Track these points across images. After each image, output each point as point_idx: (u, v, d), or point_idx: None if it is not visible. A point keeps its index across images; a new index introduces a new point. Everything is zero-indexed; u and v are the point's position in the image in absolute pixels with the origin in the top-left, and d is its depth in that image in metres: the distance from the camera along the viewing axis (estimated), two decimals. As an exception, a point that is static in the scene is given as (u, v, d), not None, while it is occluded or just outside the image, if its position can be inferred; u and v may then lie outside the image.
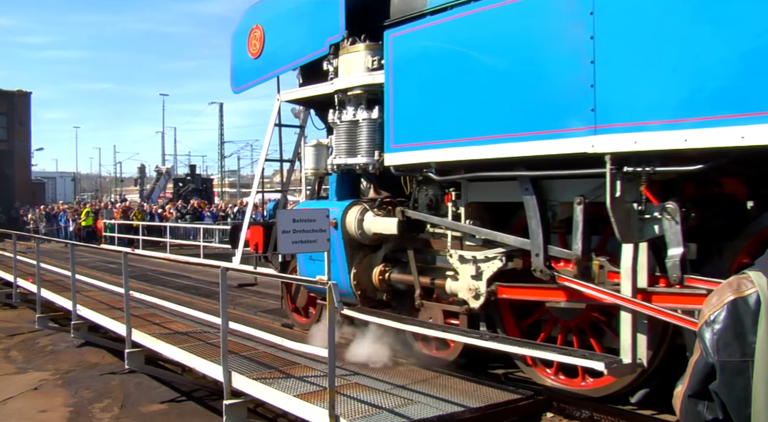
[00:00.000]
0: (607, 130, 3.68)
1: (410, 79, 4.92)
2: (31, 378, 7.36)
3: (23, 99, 37.31)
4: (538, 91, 4.04)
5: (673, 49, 3.42)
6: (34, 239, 12.51)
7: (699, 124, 3.31)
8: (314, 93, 6.12)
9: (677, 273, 3.71)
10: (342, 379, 4.84)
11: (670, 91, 3.44)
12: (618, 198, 3.75)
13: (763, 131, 3.07)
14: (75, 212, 29.58)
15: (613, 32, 3.64)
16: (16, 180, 36.36)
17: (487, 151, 4.33)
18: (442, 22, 4.68)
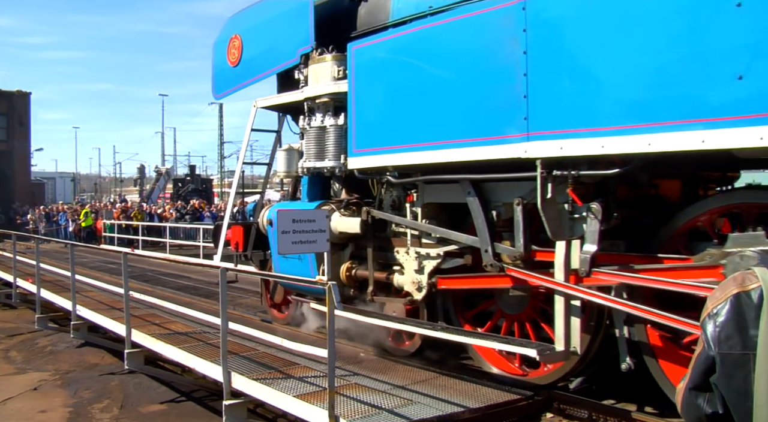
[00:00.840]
0: (538, 137, 4.09)
1: (370, 88, 5.34)
2: (30, 378, 7.37)
3: (23, 99, 37.62)
4: (481, 101, 4.44)
5: (592, 65, 3.84)
6: (33, 239, 12.55)
7: (613, 132, 3.72)
8: (287, 100, 6.51)
9: (586, 267, 4.12)
10: (341, 380, 4.86)
11: (589, 102, 3.85)
12: (549, 199, 4.15)
13: (665, 139, 3.50)
14: (74, 212, 29.62)
15: (542, 48, 4.05)
16: (15, 180, 36.63)
17: (438, 155, 4.75)
18: (397, 36, 5.13)
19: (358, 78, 5.39)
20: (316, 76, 6.00)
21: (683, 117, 3.43)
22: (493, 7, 4.34)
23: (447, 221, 5.28)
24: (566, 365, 4.67)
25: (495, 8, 4.32)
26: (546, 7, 4.02)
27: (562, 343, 4.36)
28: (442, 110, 4.70)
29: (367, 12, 5.95)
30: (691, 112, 3.40)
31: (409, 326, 5.30)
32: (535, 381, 4.94)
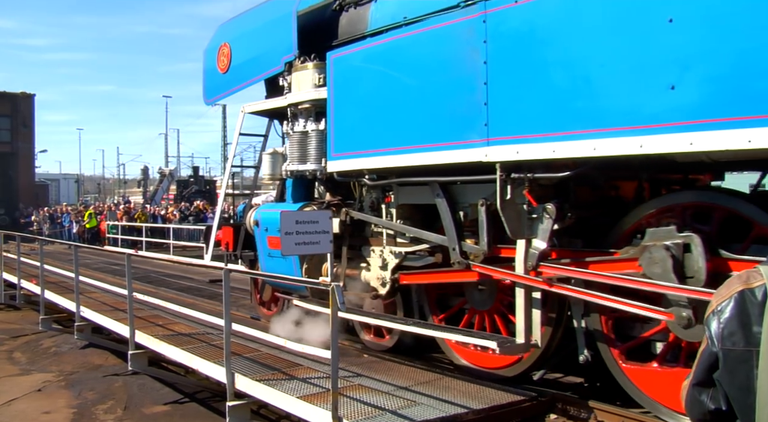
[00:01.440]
0: (497, 142, 4.38)
1: (347, 95, 5.66)
2: (34, 379, 7.38)
3: (27, 101, 37.86)
4: (447, 107, 4.73)
5: (543, 75, 4.12)
6: (37, 241, 12.57)
7: (563, 137, 4.00)
8: (272, 106, 6.84)
9: (533, 262, 4.47)
10: (345, 381, 4.89)
11: (542, 110, 4.13)
12: (509, 200, 4.46)
13: (608, 144, 3.79)
14: (78, 214, 29.70)
15: (500, 59, 4.35)
16: (19, 182, 36.87)
17: (409, 159, 5.05)
18: (372, 46, 5.44)
19: (336, 85, 5.71)
20: (299, 83, 6.32)
21: (624, 124, 3.71)
22: (457, 20, 4.64)
23: (421, 221, 5.56)
24: (530, 358, 4.96)
25: (459, 20, 4.62)
26: (504, 21, 4.31)
27: (522, 336, 4.65)
28: (413, 116, 5.00)
29: (348, 22, 6.25)
30: (631, 119, 3.68)
31: (384, 321, 5.61)
32: (502, 373, 5.22)
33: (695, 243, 3.86)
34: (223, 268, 5.43)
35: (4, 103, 36.48)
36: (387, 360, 5.76)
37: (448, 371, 5.32)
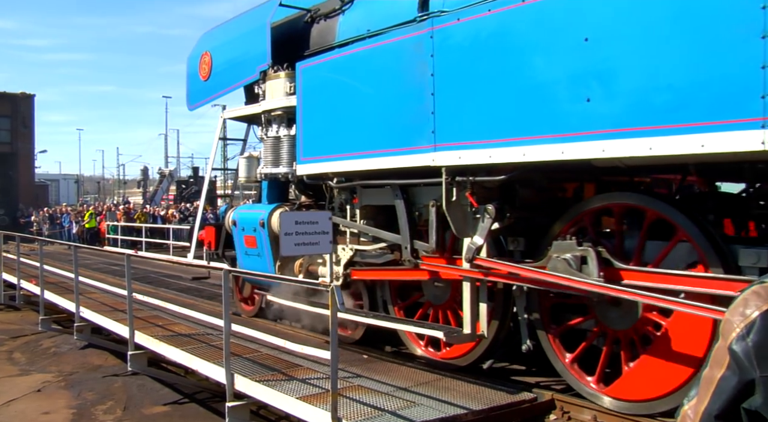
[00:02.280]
0: (442, 148, 4.80)
1: (314, 103, 6.10)
2: (34, 380, 7.44)
3: (27, 101, 37.97)
4: (401, 115, 5.15)
5: (481, 87, 4.53)
6: (37, 241, 12.67)
7: (498, 144, 4.40)
8: (248, 112, 7.30)
9: (470, 255, 4.87)
10: (344, 381, 4.95)
11: (480, 118, 4.54)
12: (454, 201, 4.88)
13: (535, 150, 4.18)
14: (78, 214, 29.73)
15: (444, 71, 4.76)
16: (19, 182, 36.93)
17: (369, 163, 5.46)
18: (336, 58, 5.87)
19: (305, 93, 6.14)
20: (272, 91, 6.74)
21: (548, 132, 4.10)
22: (410, 35, 5.08)
23: (385, 221, 5.93)
24: (479, 348, 5.39)
25: (411, 35, 5.06)
26: (448, 37, 4.74)
27: (468, 327, 5.05)
28: (373, 123, 5.43)
29: (319, 33, 6.67)
30: (554, 128, 4.08)
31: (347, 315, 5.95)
32: (456, 363, 5.63)
33: (591, 256, 4.32)
34: (222, 269, 5.53)
35: (4, 103, 36.64)
36: (386, 360, 5.86)
37: (447, 372, 5.39)
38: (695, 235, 4.07)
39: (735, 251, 3.93)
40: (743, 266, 3.89)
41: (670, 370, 4.20)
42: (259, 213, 6.86)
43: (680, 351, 4.16)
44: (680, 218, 4.16)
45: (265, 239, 6.71)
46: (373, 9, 5.94)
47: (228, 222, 7.46)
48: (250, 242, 6.93)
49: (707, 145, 3.40)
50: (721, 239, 4.06)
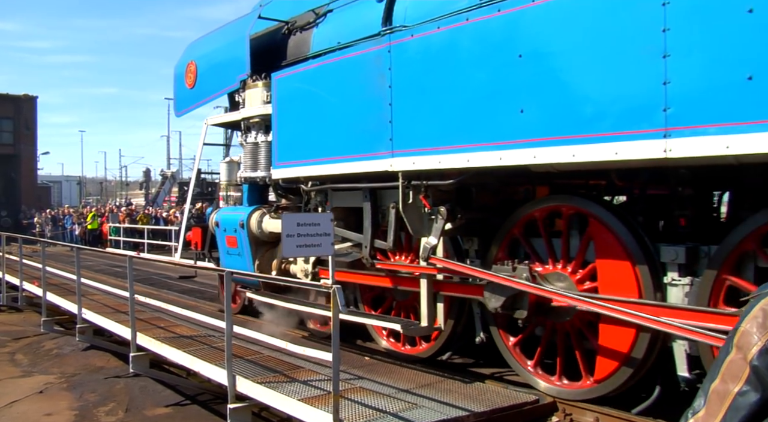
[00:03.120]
0: (399, 154, 5.23)
1: (288, 111, 6.52)
2: (36, 381, 7.45)
3: (29, 103, 38.24)
4: (364, 123, 5.56)
5: (430, 98, 4.96)
6: (39, 243, 12.78)
7: (445, 151, 4.84)
8: (230, 119, 7.74)
9: (425, 254, 5.27)
10: (346, 383, 4.98)
11: (430, 127, 4.96)
12: (410, 204, 5.33)
13: (477, 157, 4.60)
14: (80, 216, 29.85)
15: (400, 83, 5.20)
16: (22, 184, 37.21)
17: (335, 168, 5.89)
18: (307, 69, 6.31)
19: (279, 102, 6.58)
20: (251, 100, 7.17)
21: (488, 140, 4.53)
22: (372, 49, 5.51)
23: (355, 223, 6.29)
24: (438, 342, 5.81)
25: (373, 49, 5.50)
26: (403, 51, 5.19)
27: (425, 321, 5.48)
28: (339, 130, 5.86)
29: (295, 44, 7.07)
30: (493, 136, 4.50)
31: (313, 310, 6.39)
32: (418, 355, 6.04)
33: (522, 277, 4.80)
34: (224, 270, 5.68)
35: (7, 105, 36.94)
36: (388, 362, 5.95)
37: (449, 373, 5.45)
38: (624, 234, 4.44)
39: (659, 249, 4.31)
40: (665, 262, 4.28)
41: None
42: (239, 215, 7.26)
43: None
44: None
45: (244, 239, 7.14)
46: (343, 22, 6.36)
47: (211, 224, 7.89)
48: (231, 242, 7.37)
49: (620, 152, 3.81)
50: (649, 239, 4.41)
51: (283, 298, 6.78)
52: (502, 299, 4.80)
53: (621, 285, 4.39)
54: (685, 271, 4.15)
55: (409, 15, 5.37)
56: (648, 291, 4.27)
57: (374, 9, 5.72)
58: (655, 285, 4.24)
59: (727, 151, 3.32)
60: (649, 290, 4.26)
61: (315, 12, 6.79)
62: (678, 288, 4.17)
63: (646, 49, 3.64)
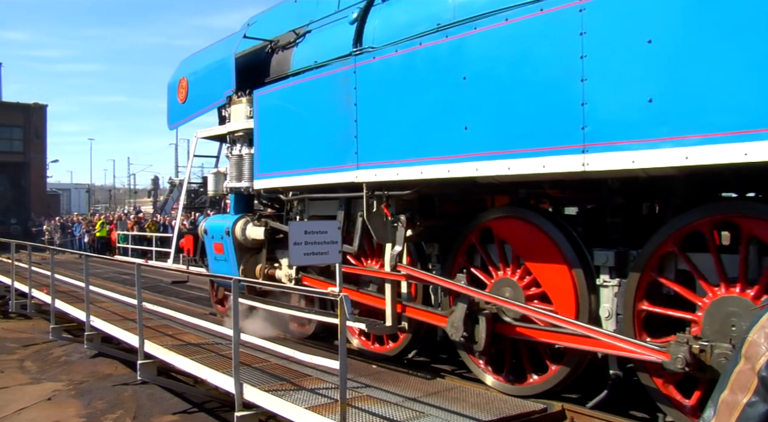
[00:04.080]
0: (363, 166, 5.80)
1: (267, 126, 7.13)
2: (44, 388, 7.64)
3: (39, 111, 39.35)
4: (334, 138, 6.13)
5: (389, 117, 5.52)
6: (48, 250, 12.82)
7: (404, 164, 5.39)
8: (217, 132, 8.40)
9: (393, 262, 5.83)
10: (353, 392, 5.07)
11: (389, 142, 5.53)
12: (374, 212, 5.89)
13: (428, 169, 5.16)
14: (89, 223, 30.61)
15: (364, 102, 5.77)
16: (31, 191, 38.29)
17: (309, 179, 6.49)
18: (285, 87, 6.91)
19: (260, 117, 7.20)
20: (236, 115, 7.81)
21: (439, 154, 5.10)
22: (341, 69, 6.11)
23: None
24: (404, 341, 6.34)
25: (342, 70, 6.09)
26: (366, 72, 5.76)
27: (390, 320, 6.02)
28: (313, 144, 6.45)
29: (277, 62, 7.70)
30: (442, 151, 5.06)
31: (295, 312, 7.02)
32: (385, 353, 6.57)
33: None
34: (233, 278, 5.89)
35: (17, 113, 38.07)
36: (395, 370, 6.10)
37: (457, 382, 5.63)
38: (562, 243, 4.98)
39: (592, 253, 4.84)
40: (598, 265, 4.81)
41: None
42: (224, 223, 7.89)
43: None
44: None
45: (230, 246, 7.76)
46: (320, 42, 6.98)
47: (200, 231, 8.53)
48: (218, 248, 7.99)
49: (547, 166, 4.34)
50: (585, 245, 4.93)
51: (276, 303, 7.25)
52: (462, 330, 5.23)
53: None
54: (615, 273, 4.66)
55: (377, 37, 5.96)
56: (583, 293, 4.79)
57: (347, 31, 6.30)
58: (589, 286, 4.77)
59: (633, 165, 3.84)
60: (584, 291, 4.79)
61: (295, 32, 7.39)
62: (609, 289, 4.69)
63: (567, 73, 4.16)
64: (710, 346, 3.89)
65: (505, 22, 4.55)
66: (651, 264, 4.44)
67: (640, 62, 3.81)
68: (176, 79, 9.08)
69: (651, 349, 4.13)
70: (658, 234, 4.41)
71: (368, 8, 6.25)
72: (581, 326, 4.60)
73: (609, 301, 4.69)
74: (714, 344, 3.90)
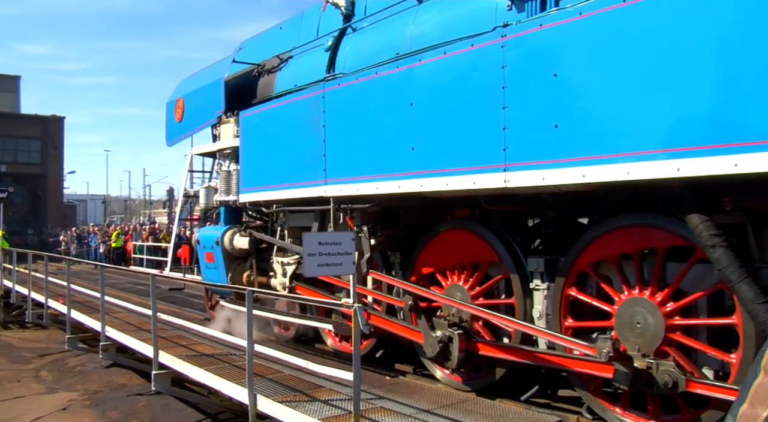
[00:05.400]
0: (330, 182, 6.64)
1: (251, 144, 8.04)
2: (60, 398, 8.01)
3: (57, 123, 41.16)
4: (306, 156, 6.97)
5: (348, 137, 6.38)
6: (65, 260, 13.62)
7: (362, 180, 6.21)
8: (209, 150, 9.36)
9: (365, 269, 6.57)
10: (367, 403, 5.17)
11: (352, 160, 6.36)
12: (341, 224, 6.77)
13: (383, 185, 5.96)
14: (105, 234, 31.97)
15: (330, 124, 6.61)
16: (48, 202, 39.91)
17: (287, 193, 7.35)
18: (266, 109, 7.83)
19: (245, 136, 8.12)
20: (225, 134, 8.74)
21: (391, 171, 5.89)
22: (313, 93, 6.94)
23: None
24: (372, 342, 7.19)
25: (313, 94, 6.93)
26: (332, 97, 6.61)
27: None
28: (290, 162, 7.30)
29: (263, 85, 8.62)
30: (394, 169, 5.87)
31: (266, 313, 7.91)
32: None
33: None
34: (246, 289, 6.12)
35: (36, 125, 39.90)
36: (409, 382, 6.34)
37: (471, 395, 5.84)
38: (501, 251, 5.78)
39: (526, 260, 5.62)
40: (530, 271, 5.58)
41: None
42: (214, 234, 8.76)
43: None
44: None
45: (219, 254, 8.63)
46: (300, 67, 7.88)
47: (194, 241, 9.46)
48: (209, 257, 8.88)
49: (477, 182, 5.13)
50: (522, 253, 5.71)
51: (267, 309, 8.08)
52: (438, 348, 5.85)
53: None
54: (546, 278, 5.41)
55: (347, 64, 6.84)
56: (519, 296, 5.57)
57: (323, 57, 7.21)
58: (524, 290, 5.53)
59: (543, 182, 4.59)
60: (520, 294, 5.56)
61: (279, 57, 8.30)
62: (540, 292, 5.44)
63: (492, 101, 4.94)
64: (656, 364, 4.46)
65: (443, 55, 5.37)
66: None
67: (548, 92, 4.57)
68: (174, 99, 10.05)
69: (582, 345, 4.82)
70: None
71: (341, 37, 7.16)
72: (521, 325, 5.35)
73: (540, 303, 5.44)
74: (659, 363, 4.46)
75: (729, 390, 4.14)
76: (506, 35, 4.87)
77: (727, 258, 3.98)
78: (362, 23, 7.09)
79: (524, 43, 4.75)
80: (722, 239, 4.02)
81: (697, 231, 4.12)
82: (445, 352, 5.83)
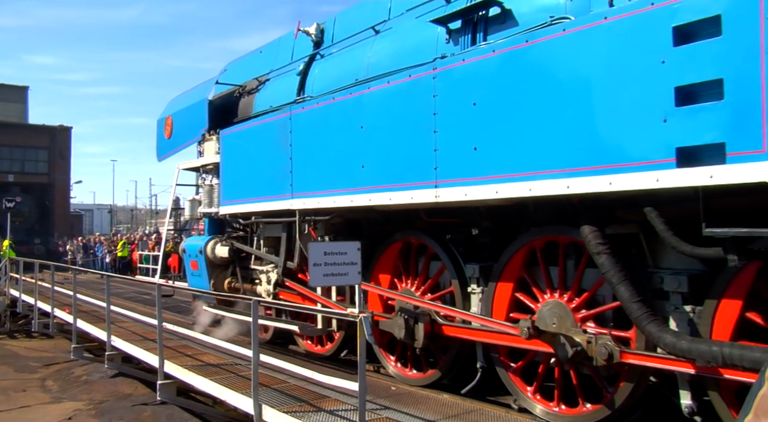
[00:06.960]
0: (296, 196, 7.57)
1: (229, 161, 9.00)
2: (65, 407, 8.18)
3: (64, 133, 42.69)
4: (275, 172, 7.91)
5: (313, 156, 7.31)
6: (71, 270, 13.93)
7: (323, 194, 7.12)
8: (194, 165, 10.36)
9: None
10: (372, 413, 5.30)
11: (313, 176, 7.29)
12: (306, 234, 7.70)
13: (340, 199, 6.87)
14: (111, 244, 33.12)
15: (296, 144, 7.56)
16: (55, 212, 41.38)
17: (260, 206, 8.30)
18: (241, 129, 8.83)
19: (224, 153, 9.09)
20: (208, 150, 9.75)
21: (346, 187, 6.78)
22: (282, 115, 7.88)
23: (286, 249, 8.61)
24: (337, 342, 8.09)
25: (282, 116, 7.86)
26: (298, 119, 7.53)
27: (320, 324, 7.83)
28: (262, 177, 8.23)
29: (243, 105, 9.62)
30: (348, 184, 6.75)
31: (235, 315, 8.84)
32: (324, 354, 8.31)
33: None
34: (252, 299, 6.35)
35: (43, 135, 41.41)
36: (415, 392, 6.49)
37: (477, 405, 5.99)
38: (444, 258, 6.65)
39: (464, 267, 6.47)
40: (468, 276, 6.44)
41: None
42: (199, 243, 9.72)
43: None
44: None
45: (203, 263, 9.57)
46: (275, 90, 8.85)
47: (180, 250, 10.51)
48: (194, 265, 9.86)
49: (415, 197, 5.99)
50: (462, 259, 6.56)
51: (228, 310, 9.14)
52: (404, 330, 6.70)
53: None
54: (481, 283, 6.28)
55: (315, 87, 7.79)
56: (459, 298, 6.44)
57: (294, 81, 8.19)
58: (463, 293, 6.40)
59: (466, 197, 5.47)
60: (460, 297, 6.42)
61: (258, 80, 9.29)
62: (476, 295, 6.30)
63: (425, 126, 5.83)
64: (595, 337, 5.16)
65: (387, 84, 6.28)
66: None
67: (468, 119, 5.45)
68: (164, 116, 11.13)
69: (509, 326, 5.69)
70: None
71: (311, 62, 8.16)
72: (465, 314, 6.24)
73: (476, 305, 6.30)
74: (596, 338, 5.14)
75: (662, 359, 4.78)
76: (437, 68, 5.78)
77: (609, 263, 4.85)
78: (330, 50, 8.09)
79: (451, 75, 5.65)
80: (606, 247, 4.90)
81: (587, 240, 5.00)
82: (412, 333, 6.68)
